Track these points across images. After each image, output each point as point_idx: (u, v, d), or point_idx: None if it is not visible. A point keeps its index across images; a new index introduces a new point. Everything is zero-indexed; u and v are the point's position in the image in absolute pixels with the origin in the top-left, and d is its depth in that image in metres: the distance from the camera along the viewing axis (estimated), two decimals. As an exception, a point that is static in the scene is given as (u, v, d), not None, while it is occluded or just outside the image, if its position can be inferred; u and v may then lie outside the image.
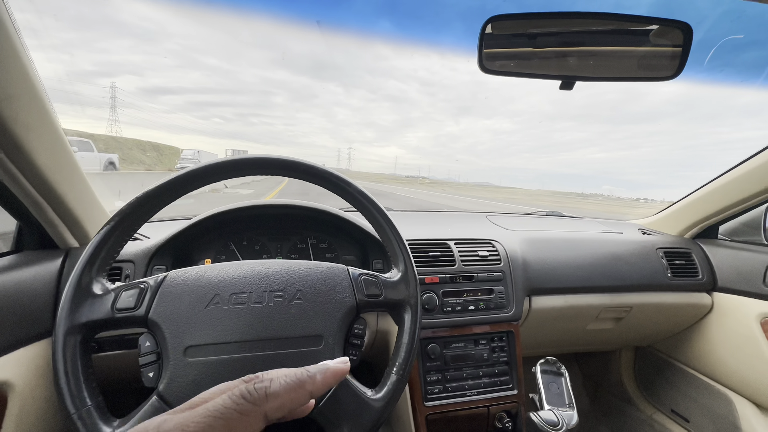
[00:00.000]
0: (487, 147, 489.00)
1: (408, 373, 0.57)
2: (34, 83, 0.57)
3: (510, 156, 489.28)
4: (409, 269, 0.62)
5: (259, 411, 0.28)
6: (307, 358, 0.52)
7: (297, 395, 0.31)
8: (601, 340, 1.39)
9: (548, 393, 0.85)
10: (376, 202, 0.63)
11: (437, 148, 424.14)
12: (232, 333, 0.50)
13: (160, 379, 0.47)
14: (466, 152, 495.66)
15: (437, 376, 0.95)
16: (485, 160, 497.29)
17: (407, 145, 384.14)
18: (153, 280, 0.51)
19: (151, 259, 0.83)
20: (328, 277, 0.57)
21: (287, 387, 0.30)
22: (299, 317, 0.53)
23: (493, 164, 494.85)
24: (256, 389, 0.29)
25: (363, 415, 0.51)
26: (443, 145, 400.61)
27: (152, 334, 0.49)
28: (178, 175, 0.55)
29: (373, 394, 0.53)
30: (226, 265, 0.55)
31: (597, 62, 0.60)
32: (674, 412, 1.39)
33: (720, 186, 1.18)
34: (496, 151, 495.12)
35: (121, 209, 0.53)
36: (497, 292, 1.00)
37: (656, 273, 1.19)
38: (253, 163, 0.58)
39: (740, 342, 1.16)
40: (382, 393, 0.54)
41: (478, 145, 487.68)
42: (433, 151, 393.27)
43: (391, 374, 0.56)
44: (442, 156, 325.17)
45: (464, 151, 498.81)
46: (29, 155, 0.60)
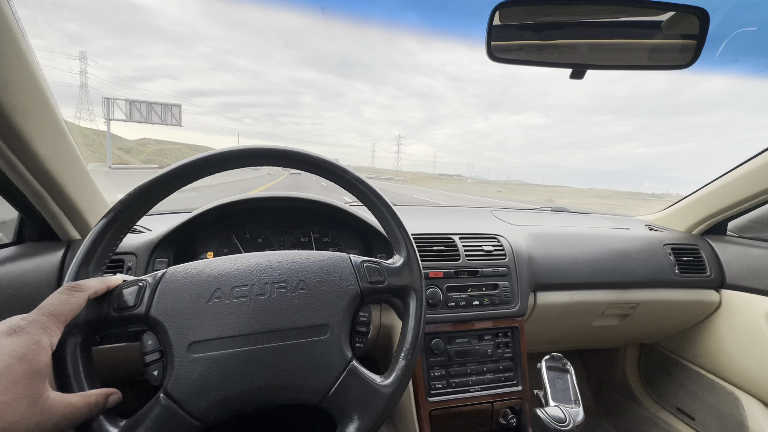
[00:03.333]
0: (517, 143, 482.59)
1: (416, 357, 0.56)
2: (33, 70, 0.56)
3: (542, 152, 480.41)
4: (411, 254, 0.61)
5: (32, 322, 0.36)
6: (314, 348, 0.51)
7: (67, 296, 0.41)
8: (605, 337, 1.37)
9: (554, 389, 0.84)
10: (375, 189, 0.62)
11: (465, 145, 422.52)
12: (235, 327, 0.49)
13: (165, 377, 0.47)
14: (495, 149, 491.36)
15: (441, 372, 0.94)
16: (515, 157, 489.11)
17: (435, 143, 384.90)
18: (151, 277, 0.50)
19: (153, 252, 0.82)
20: (330, 266, 0.56)
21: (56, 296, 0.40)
22: (303, 307, 0.52)
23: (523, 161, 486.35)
24: None
25: (373, 402, 0.51)
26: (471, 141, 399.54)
27: (154, 331, 0.49)
28: (174, 168, 0.54)
29: (382, 380, 0.53)
30: (225, 259, 0.54)
31: (609, 50, 0.59)
32: (679, 410, 1.38)
33: (730, 182, 1.16)
34: (528, 147, 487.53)
35: (114, 205, 0.51)
36: (502, 287, 0.99)
37: (663, 269, 1.18)
38: (251, 153, 0.57)
39: (748, 340, 1.14)
40: (390, 379, 0.53)
41: (508, 141, 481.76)
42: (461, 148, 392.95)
43: (399, 359, 0.55)
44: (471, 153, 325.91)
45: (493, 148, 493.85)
46: (29, 144, 0.59)
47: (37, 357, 0.35)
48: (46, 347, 0.36)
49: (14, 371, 0.33)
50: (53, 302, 0.40)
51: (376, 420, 0.51)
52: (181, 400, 0.45)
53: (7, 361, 0.33)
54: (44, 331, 0.37)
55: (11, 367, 0.33)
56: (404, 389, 0.55)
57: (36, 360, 0.35)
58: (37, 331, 0.36)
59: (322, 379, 0.50)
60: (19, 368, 0.33)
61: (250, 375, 0.48)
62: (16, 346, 0.34)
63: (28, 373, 0.34)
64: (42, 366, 0.35)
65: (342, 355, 0.52)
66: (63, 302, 0.40)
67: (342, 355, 0.52)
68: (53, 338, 0.37)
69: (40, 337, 0.36)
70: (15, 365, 0.33)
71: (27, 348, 0.34)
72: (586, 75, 0.58)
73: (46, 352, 0.36)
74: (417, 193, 21.29)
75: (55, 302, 0.40)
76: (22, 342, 0.35)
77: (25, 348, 0.34)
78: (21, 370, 0.33)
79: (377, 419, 0.51)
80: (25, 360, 0.34)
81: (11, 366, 0.33)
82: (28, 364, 0.34)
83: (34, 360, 0.34)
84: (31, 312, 0.38)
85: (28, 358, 0.34)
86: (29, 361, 0.34)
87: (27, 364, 0.34)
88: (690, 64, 0.57)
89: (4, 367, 0.32)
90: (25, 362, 0.34)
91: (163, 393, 0.45)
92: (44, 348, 0.36)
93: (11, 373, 0.33)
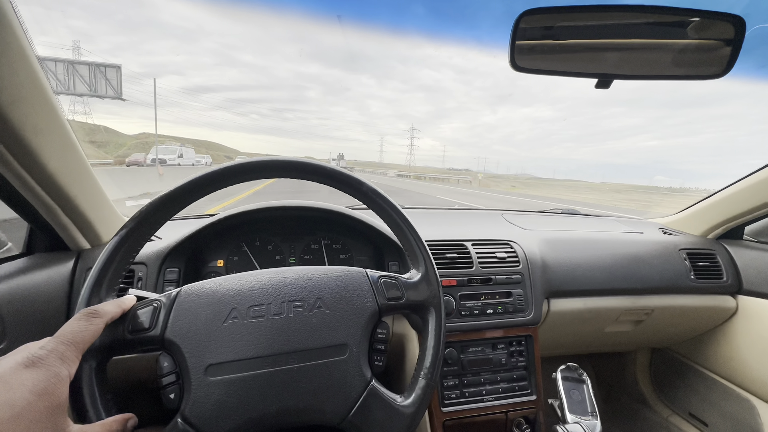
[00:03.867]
0: (525, 137, 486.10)
1: (436, 376, 0.55)
2: (42, 86, 0.55)
3: (551, 146, 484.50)
4: (429, 269, 0.60)
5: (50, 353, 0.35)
6: (333, 368, 0.50)
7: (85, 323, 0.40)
8: (617, 342, 1.36)
9: (570, 401, 0.82)
10: (391, 201, 0.61)
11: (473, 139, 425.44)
12: (253, 348, 0.48)
13: (182, 400, 0.46)
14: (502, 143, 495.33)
15: (454, 381, 0.93)
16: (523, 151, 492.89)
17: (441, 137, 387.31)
18: (166, 297, 0.49)
19: (164, 261, 0.82)
20: (347, 283, 0.55)
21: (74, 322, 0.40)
22: (321, 327, 0.51)
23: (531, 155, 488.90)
24: None
25: (394, 423, 0.50)
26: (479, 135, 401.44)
27: (170, 353, 0.47)
28: (184, 184, 0.53)
29: (402, 400, 0.52)
30: (240, 277, 0.53)
31: (637, 59, 0.56)
32: (692, 416, 1.36)
33: (748, 186, 1.13)
34: (537, 140, 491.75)
35: (126, 222, 0.50)
36: (516, 295, 0.98)
37: (679, 275, 1.16)
38: (264, 166, 0.55)
39: (766, 347, 1.12)
40: (411, 399, 0.53)
41: (516, 135, 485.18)
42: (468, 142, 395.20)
43: (419, 379, 0.54)
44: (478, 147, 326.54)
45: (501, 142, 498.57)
46: (38, 158, 0.58)
47: (58, 391, 0.34)
48: (65, 379, 0.35)
49: (36, 408, 0.31)
50: (71, 329, 0.39)
51: None
52: (200, 425, 0.44)
53: (28, 398, 0.31)
54: (63, 361, 0.36)
55: (33, 405, 0.31)
56: (425, 409, 0.54)
57: (57, 394, 0.33)
58: (55, 363, 0.35)
59: (342, 401, 0.49)
60: (41, 405, 0.32)
61: (269, 398, 0.47)
62: (36, 381, 0.32)
63: (49, 409, 0.32)
64: (62, 400, 0.34)
65: (361, 376, 0.51)
66: (81, 329, 0.39)
67: (361, 376, 0.51)
68: (71, 369, 0.36)
69: (59, 369, 0.35)
70: (36, 402, 0.32)
71: (48, 382, 0.33)
72: None
73: (65, 385, 0.35)
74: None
75: (74, 329, 0.39)
76: (42, 376, 0.33)
77: (45, 382, 0.33)
78: (42, 406, 0.32)
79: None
80: (45, 395, 0.32)
81: (32, 403, 0.31)
82: (49, 400, 0.32)
83: (55, 394, 0.33)
84: (48, 340, 0.37)
85: (48, 392, 0.33)
86: (50, 395, 0.33)
87: (48, 399, 0.32)
88: (724, 74, 0.54)
89: (25, 405, 0.31)
90: (46, 398, 0.32)
91: (180, 418, 0.44)
92: (63, 380, 0.35)
93: (33, 411, 0.31)
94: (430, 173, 46.70)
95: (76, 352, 0.37)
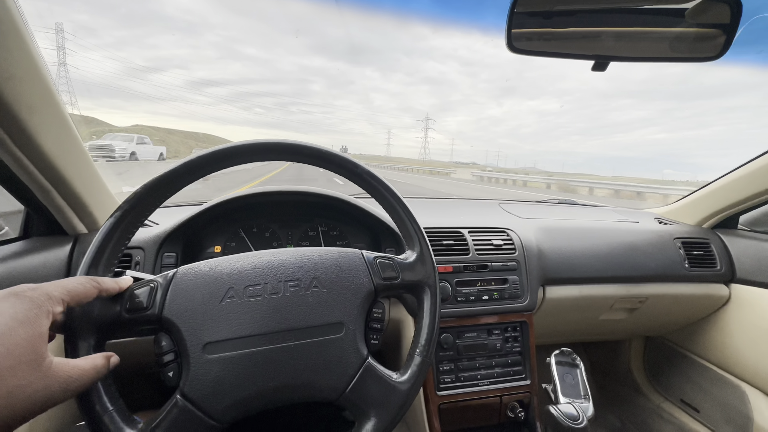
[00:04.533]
0: (531, 130, 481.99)
1: (431, 354, 0.56)
2: (37, 63, 0.54)
3: (557, 139, 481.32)
4: (424, 249, 0.60)
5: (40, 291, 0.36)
6: (329, 346, 0.51)
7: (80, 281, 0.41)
8: (612, 330, 1.37)
9: (563, 384, 0.84)
10: (387, 183, 0.61)
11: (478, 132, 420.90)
12: (250, 326, 0.48)
13: (181, 378, 0.46)
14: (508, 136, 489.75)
15: (450, 366, 0.94)
16: (529, 144, 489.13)
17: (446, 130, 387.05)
18: (162, 277, 0.50)
19: (161, 246, 0.82)
20: (343, 263, 0.55)
21: None
22: (317, 305, 0.51)
23: (537, 148, 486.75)
24: None
25: (390, 399, 0.51)
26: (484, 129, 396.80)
27: (168, 333, 0.48)
28: (180, 165, 0.53)
29: (398, 377, 0.53)
30: (236, 258, 0.53)
31: (633, 40, 0.56)
32: (684, 402, 1.38)
33: (743, 175, 1.14)
34: (543, 133, 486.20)
35: (121, 204, 0.50)
36: (511, 281, 0.98)
37: (673, 263, 1.17)
38: (261, 148, 0.56)
39: (757, 334, 1.13)
40: (407, 375, 0.53)
41: (521, 128, 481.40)
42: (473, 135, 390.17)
43: (415, 356, 0.55)
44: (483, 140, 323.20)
45: (506, 135, 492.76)
46: (33, 138, 0.58)
47: (38, 321, 0.34)
48: (47, 313, 0.35)
49: (16, 334, 0.32)
50: (66, 280, 0.40)
51: (393, 417, 0.51)
52: (198, 402, 0.45)
53: (9, 323, 0.32)
54: (48, 298, 0.36)
55: (13, 330, 0.32)
56: (420, 386, 0.55)
57: (37, 323, 0.34)
58: (40, 297, 0.36)
59: (339, 377, 0.50)
60: (21, 331, 0.33)
61: (267, 375, 0.47)
62: (18, 310, 0.33)
63: (30, 336, 0.33)
64: (44, 330, 0.35)
65: (357, 353, 0.52)
66: (74, 283, 0.40)
67: (357, 353, 0.52)
68: (55, 307, 0.37)
69: (43, 302, 0.35)
70: (17, 328, 0.32)
71: (29, 312, 0.34)
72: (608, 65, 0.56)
73: (46, 317, 0.35)
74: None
75: (69, 281, 0.40)
76: (24, 306, 0.34)
77: (27, 312, 0.34)
78: (23, 333, 0.33)
79: (394, 416, 0.51)
80: (26, 323, 0.33)
81: (13, 329, 0.32)
82: (30, 328, 0.33)
83: (36, 324, 0.34)
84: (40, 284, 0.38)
85: (29, 321, 0.33)
86: (31, 324, 0.33)
87: (29, 327, 0.33)
88: (719, 55, 0.54)
89: (6, 330, 0.32)
90: (27, 326, 0.33)
91: (179, 394, 0.45)
92: (45, 312, 0.35)
93: (13, 336, 0.32)
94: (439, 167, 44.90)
95: (64, 295, 0.38)
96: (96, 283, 0.42)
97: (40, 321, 0.34)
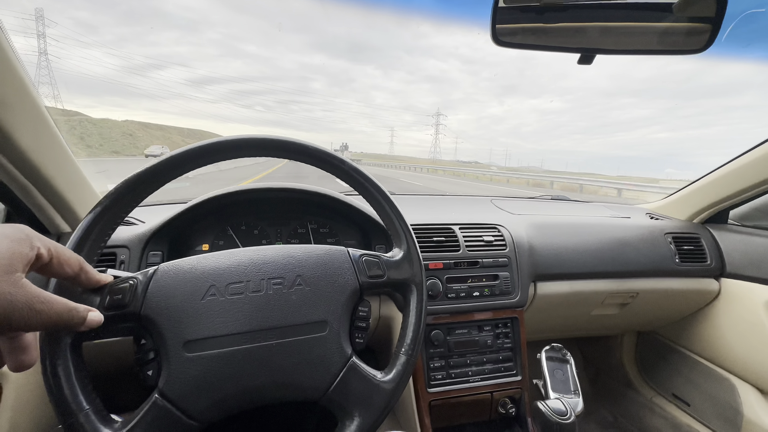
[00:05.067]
0: (533, 129, 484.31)
1: (416, 353, 0.56)
2: (9, 57, 0.53)
3: (558, 138, 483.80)
4: (411, 247, 0.60)
5: None
6: (312, 345, 0.50)
7: None
8: (603, 325, 1.38)
9: (553, 380, 0.84)
10: (373, 180, 0.61)
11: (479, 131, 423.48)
12: (231, 325, 0.47)
13: (160, 377, 0.45)
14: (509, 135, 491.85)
15: (441, 363, 0.94)
16: (530, 143, 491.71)
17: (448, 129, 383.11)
18: (142, 274, 0.48)
19: (147, 245, 0.81)
20: (328, 261, 0.54)
21: None
22: (301, 304, 0.51)
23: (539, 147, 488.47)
24: None
25: (374, 399, 0.51)
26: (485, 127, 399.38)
27: (148, 330, 0.47)
28: (164, 159, 0.52)
29: (382, 376, 0.52)
30: (219, 254, 0.53)
31: (619, 34, 0.56)
32: (675, 396, 1.39)
33: (732, 170, 1.14)
34: (544, 132, 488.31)
35: (102, 198, 0.49)
36: (502, 278, 0.98)
37: (664, 258, 1.17)
38: (245, 143, 0.55)
39: (746, 328, 1.14)
40: (391, 375, 0.53)
41: (523, 127, 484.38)
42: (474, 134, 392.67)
43: (400, 355, 0.55)
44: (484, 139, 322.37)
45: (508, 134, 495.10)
46: (9, 135, 0.56)
47: (24, 243, 0.35)
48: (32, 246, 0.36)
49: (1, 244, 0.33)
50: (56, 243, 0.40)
51: (377, 417, 0.50)
52: (177, 401, 0.44)
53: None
54: (39, 238, 0.37)
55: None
56: (405, 385, 0.54)
57: (22, 244, 0.35)
58: (32, 233, 0.37)
59: (322, 376, 0.49)
60: (5, 243, 0.34)
61: (248, 374, 0.47)
62: (8, 231, 0.35)
63: (12, 250, 0.34)
64: (25, 252, 0.35)
65: (341, 352, 0.51)
66: (65, 248, 0.41)
67: (341, 352, 0.51)
68: (42, 248, 0.37)
69: (33, 236, 0.37)
70: (2, 240, 0.34)
71: (18, 233, 0.36)
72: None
73: (31, 248, 0.36)
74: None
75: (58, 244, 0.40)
76: (15, 231, 0.36)
77: (15, 233, 0.35)
78: (6, 245, 0.34)
79: (378, 416, 0.50)
80: (13, 240, 0.35)
81: None
82: (15, 244, 0.35)
83: (21, 243, 0.35)
84: None
85: (16, 240, 0.35)
86: (17, 242, 0.35)
87: (14, 243, 0.35)
88: (705, 48, 0.54)
89: None
90: (13, 242, 0.35)
91: (158, 393, 0.44)
92: (30, 243, 0.36)
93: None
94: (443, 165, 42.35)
95: (52, 246, 0.39)
96: (79, 258, 0.42)
97: (24, 244, 0.36)
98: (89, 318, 0.40)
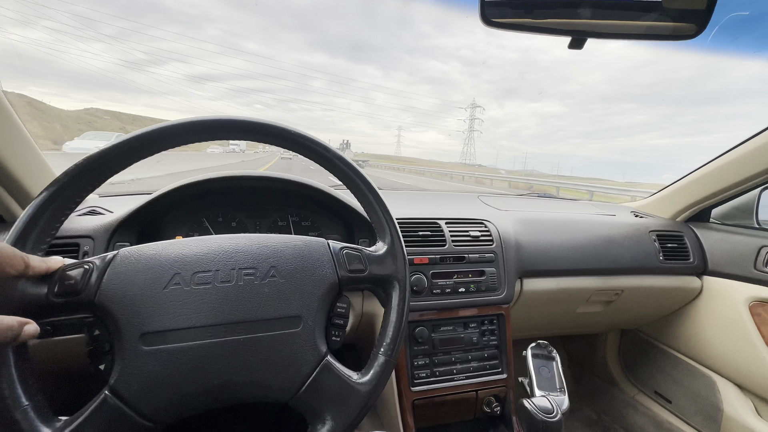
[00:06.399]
0: (532, 132, 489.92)
1: (396, 354, 0.52)
2: None
3: (557, 142, 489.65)
4: (395, 241, 0.56)
5: None
6: (284, 341, 0.46)
7: None
8: (588, 323, 1.38)
9: (539, 377, 0.82)
10: (359, 170, 0.57)
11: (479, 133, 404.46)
12: (196, 317, 0.43)
13: (112, 372, 0.41)
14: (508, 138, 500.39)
15: (425, 360, 0.91)
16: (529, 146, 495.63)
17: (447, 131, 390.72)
18: (100, 259, 0.44)
19: (113, 235, 0.75)
20: (305, 252, 0.51)
21: None
22: (274, 297, 0.47)
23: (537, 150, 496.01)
24: None
25: (348, 401, 0.47)
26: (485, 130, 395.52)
27: (102, 320, 0.43)
28: (129, 137, 0.48)
29: (359, 377, 0.49)
30: (188, 241, 0.48)
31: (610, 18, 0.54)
32: (657, 394, 1.40)
33: (714, 169, 1.16)
34: (543, 136, 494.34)
35: (58, 176, 0.45)
36: (489, 273, 0.96)
37: (648, 256, 1.17)
38: (222, 125, 0.51)
39: (727, 325, 1.15)
40: (368, 376, 0.49)
41: (522, 130, 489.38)
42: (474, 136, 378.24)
43: (378, 355, 0.51)
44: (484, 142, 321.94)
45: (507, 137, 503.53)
46: None
47: None
48: None
49: None
50: None
51: (350, 421, 0.47)
52: (129, 399, 0.40)
53: None
54: None
55: None
56: (383, 387, 0.51)
57: None
58: None
59: (292, 376, 0.46)
60: None
61: (210, 371, 0.43)
62: None
63: None
64: None
65: (315, 350, 0.47)
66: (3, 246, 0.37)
67: (315, 350, 0.47)
68: None
69: None
70: None
71: None
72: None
73: None
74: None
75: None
76: None
77: None
78: None
79: (352, 420, 0.47)
80: None
81: None
82: None
83: None
84: None
85: None
86: None
87: None
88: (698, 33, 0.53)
89: None
90: None
91: (108, 390, 0.40)
92: None
93: None
94: None
95: None
96: (23, 256, 0.38)
97: None
98: (24, 332, 0.36)
